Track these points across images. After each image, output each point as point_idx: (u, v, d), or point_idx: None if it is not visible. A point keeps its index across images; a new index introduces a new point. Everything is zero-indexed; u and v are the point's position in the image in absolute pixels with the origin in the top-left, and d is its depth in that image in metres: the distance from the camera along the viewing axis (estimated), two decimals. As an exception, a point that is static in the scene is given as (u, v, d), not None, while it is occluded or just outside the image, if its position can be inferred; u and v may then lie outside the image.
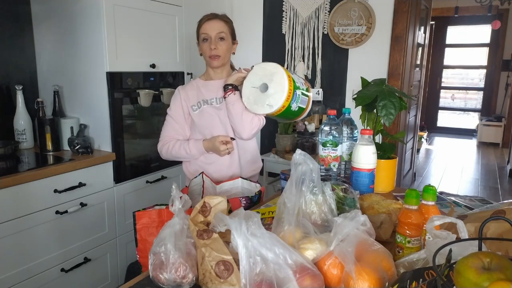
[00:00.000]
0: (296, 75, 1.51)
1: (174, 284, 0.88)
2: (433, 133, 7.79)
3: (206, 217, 0.95)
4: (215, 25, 1.59)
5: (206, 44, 1.60)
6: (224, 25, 1.61)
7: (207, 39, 1.59)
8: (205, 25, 1.60)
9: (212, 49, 1.58)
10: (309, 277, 0.78)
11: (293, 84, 1.41)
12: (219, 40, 1.59)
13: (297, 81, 1.46)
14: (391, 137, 1.66)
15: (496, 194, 4.35)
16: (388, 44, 2.65)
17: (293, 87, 1.42)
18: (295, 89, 1.42)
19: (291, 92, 1.41)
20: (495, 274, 0.54)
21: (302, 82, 1.49)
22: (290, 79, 1.41)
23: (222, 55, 1.61)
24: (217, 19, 1.61)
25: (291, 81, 1.41)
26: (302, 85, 1.48)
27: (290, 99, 1.42)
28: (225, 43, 1.60)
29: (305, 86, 1.50)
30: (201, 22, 1.63)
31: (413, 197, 0.94)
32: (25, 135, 2.16)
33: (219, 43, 1.59)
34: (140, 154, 2.33)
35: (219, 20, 1.61)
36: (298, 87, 1.44)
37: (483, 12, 5.69)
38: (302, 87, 1.47)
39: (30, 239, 1.78)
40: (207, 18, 1.61)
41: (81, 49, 2.12)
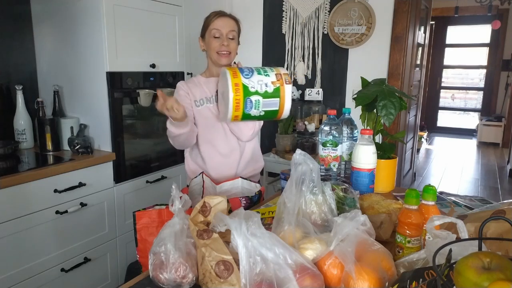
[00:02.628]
0: (263, 73, 1.37)
1: (174, 284, 0.88)
2: (433, 133, 7.79)
3: (206, 217, 0.95)
4: (228, 22, 1.56)
5: (216, 40, 1.55)
6: (235, 24, 1.60)
7: (219, 36, 1.55)
8: (218, 21, 1.56)
9: (224, 45, 1.54)
10: (309, 277, 0.78)
11: (242, 92, 1.32)
12: (229, 39, 1.56)
13: (255, 85, 1.34)
14: (391, 137, 1.66)
15: (496, 194, 4.35)
16: (388, 44, 2.65)
17: (244, 94, 1.32)
18: (247, 96, 1.32)
19: (239, 102, 1.33)
20: (495, 274, 0.54)
21: (267, 83, 1.35)
22: (238, 88, 1.32)
23: (232, 53, 1.58)
24: (229, 17, 1.59)
25: (240, 89, 1.32)
26: (264, 87, 1.35)
27: (242, 108, 1.34)
28: (235, 43, 1.59)
29: (271, 87, 1.36)
30: (211, 17, 1.58)
31: (413, 197, 0.94)
32: (25, 135, 2.16)
33: (230, 41, 1.57)
34: (140, 154, 2.33)
35: (231, 19, 1.59)
36: (255, 92, 1.33)
37: (483, 12, 5.69)
38: (262, 91, 1.34)
39: (30, 239, 1.78)
40: (220, 14, 1.58)
41: (81, 49, 2.12)
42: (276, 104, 1.38)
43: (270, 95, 1.35)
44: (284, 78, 1.37)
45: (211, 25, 1.57)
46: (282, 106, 1.38)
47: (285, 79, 1.37)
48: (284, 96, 1.37)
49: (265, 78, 1.35)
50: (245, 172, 1.69)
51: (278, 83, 1.36)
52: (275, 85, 1.36)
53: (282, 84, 1.36)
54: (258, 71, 1.37)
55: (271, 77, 1.36)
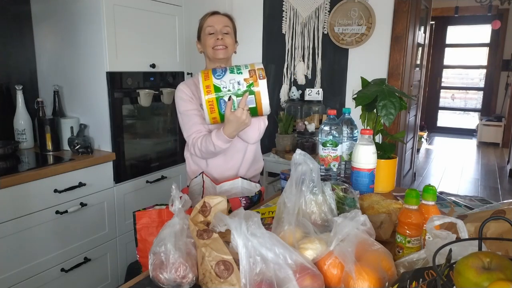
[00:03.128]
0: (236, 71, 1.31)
1: (174, 284, 0.88)
2: (433, 133, 7.79)
3: (206, 217, 0.95)
4: (221, 19, 1.57)
5: (211, 36, 1.55)
6: (229, 21, 1.59)
7: (213, 33, 1.54)
8: (211, 18, 1.56)
9: (219, 39, 1.53)
10: (309, 277, 0.78)
11: (214, 93, 1.29)
12: (224, 34, 1.55)
13: (227, 84, 1.30)
14: (391, 137, 1.66)
15: (496, 194, 4.35)
16: (388, 44, 2.65)
17: (216, 95, 1.29)
18: (220, 97, 1.30)
19: (213, 103, 1.30)
20: (495, 274, 0.54)
21: (239, 81, 1.30)
22: (209, 89, 1.29)
23: (229, 47, 1.56)
24: (223, 14, 1.59)
25: (211, 91, 1.29)
26: (236, 85, 1.30)
27: (217, 110, 1.32)
28: (230, 37, 1.57)
29: (244, 84, 1.30)
30: (205, 16, 1.59)
31: (413, 197, 0.94)
32: (25, 135, 2.16)
33: (225, 35, 1.55)
34: (140, 154, 2.33)
35: (224, 16, 1.59)
36: (228, 92, 1.30)
37: (483, 12, 5.69)
38: (234, 90, 1.30)
39: (30, 239, 1.78)
40: (212, 12, 1.59)
41: (81, 49, 2.12)
42: (252, 101, 1.32)
43: (244, 93, 1.30)
44: (258, 73, 1.30)
45: (205, 24, 1.57)
46: (259, 103, 1.33)
47: (259, 74, 1.30)
48: (260, 92, 1.31)
49: (237, 76, 1.30)
50: (248, 172, 1.69)
51: (251, 80, 1.30)
52: (248, 82, 1.30)
53: (255, 80, 1.30)
54: (231, 70, 1.32)
55: (243, 74, 1.30)
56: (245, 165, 1.66)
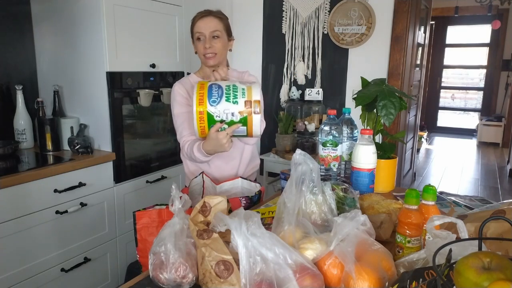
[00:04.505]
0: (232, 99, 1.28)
1: (174, 284, 0.88)
2: (433, 133, 7.79)
3: (206, 217, 0.95)
4: (209, 23, 1.52)
5: (200, 43, 1.53)
6: (219, 22, 1.53)
7: (201, 38, 1.53)
8: (199, 23, 1.53)
9: (206, 47, 1.51)
10: (309, 277, 0.78)
11: (206, 121, 1.28)
12: (213, 38, 1.52)
13: (221, 114, 1.28)
14: (391, 137, 1.66)
15: (496, 194, 4.35)
16: (388, 44, 2.65)
17: (208, 122, 1.29)
18: (212, 124, 1.30)
19: (204, 129, 1.31)
20: (495, 274, 0.54)
21: (233, 112, 1.27)
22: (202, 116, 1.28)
23: (218, 53, 1.54)
24: (211, 16, 1.53)
25: (204, 117, 1.28)
26: (230, 116, 1.28)
27: (207, 130, 1.32)
28: (220, 41, 1.53)
29: (238, 116, 1.28)
30: (194, 20, 1.55)
31: (413, 197, 0.94)
32: (25, 135, 2.16)
33: (214, 41, 1.52)
34: (140, 154, 2.33)
35: (213, 18, 1.53)
36: (221, 121, 1.29)
37: (483, 12, 5.70)
38: (227, 120, 1.28)
39: (30, 239, 1.78)
40: (201, 15, 1.54)
41: (81, 49, 2.12)
42: (243, 131, 1.32)
43: (236, 123, 1.29)
44: (254, 107, 1.27)
45: (194, 29, 1.55)
46: (250, 133, 1.32)
47: (255, 109, 1.27)
48: (252, 125, 1.29)
49: (232, 106, 1.27)
50: (246, 171, 1.71)
51: (246, 113, 1.27)
52: (242, 114, 1.28)
53: (249, 114, 1.27)
54: (227, 97, 1.27)
55: (239, 105, 1.27)
56: (244, 164, 1.69)
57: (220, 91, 1.28)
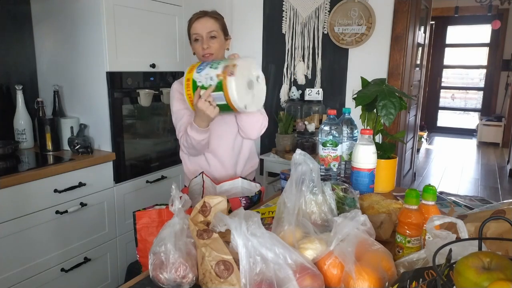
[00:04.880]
0: (214, 65, 1.31)
1: (174, 284, 0.88)
2: (433, 133, 7.79)
3: (206, 217, 0.95)
4: (205, 24, 1.54)
5: (198, 44, 1.56)
6: (215, 22, 1.56)
7: (199, 39, 1.55)
8: (196, 25, 1.55)
9: (204, 48, 1.54)
10: (309, 277, 0.78)
11: (192, 87, 1.33)
12: (210, 38, 1.54)
13: (202, 79, 1.31)
14: (391, 137, 1.66)
15: (496, 194, 4.35)
16: (388, 44, 2.65)
17: (193, 88, 1.33)
18: (195, 90, 1.33)
19: (191, 96, 1.34)
20: (495, 274, 0.54)
21: (212, 76, 1.29)
22: (189, 83, 1.33)
23: (215, 53, 1.56)
24: (207, 17, 1.55)
25: (190, 84, 1.33)
26: (209, 80, 1.31)
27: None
28: (217, 41, 1.56)
29: (215, 80, 1.29)
30: (191, 21, 1.58)
31: (413, 197, 0.94)
32: (25, 135, 2.16)
33: (211, 41, 1.54)
34: (140, 154, 2.33)
35: (209, 18, 1.55)
36: (202, 87, 1.31)
37: (483, 12, 5.69)
38: (207, 85, 1.31)
39: (30, 239, 1.78)
40: (197, 16, 1.56)
41: (81, 49, 2.12)
42: (222, 98, 1.31)
43: (214, 89, 1.30)
44: (230, 70, 1.27)
45: (191, 30, 1.57)
46: (228, 99, 1.30)
47: (230, 71, 1.26)
48: (227, 90, 1.27)
49: (212, 71, 1.29)
50: (244, 170, 1.72)
51: (222, 76, 1.27)
52: (219, 78, 1.28)
53: (224, 77, 1.27)
54: (212, 64, 1.31)
55: (218, 69, 1.29)
56: (242, 161, 1.70)
57: (209, 62, 1.33)
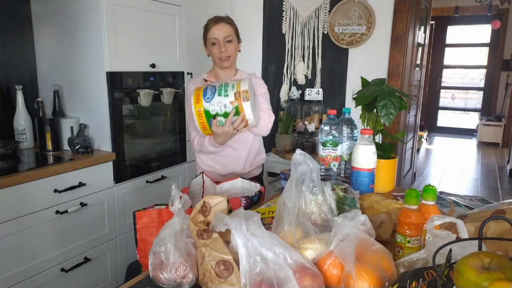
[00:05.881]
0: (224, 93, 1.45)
1: (174, 284, 0.88)
2: (433, 133, 7.79)
3: (206, 217, 0.95)
4: (222, 29, 1.67)
5: (215, 47, 1.68)
6: (230, 27, 1.69)
7: (216, 43, 1.67)
8: (213, 29, 1.67)
9: (222, 51, 1.66)
10: (309, 276, 0.78)
11: (205, 116, 1.46)
12: (227, 42, 1.67)
13: (215, 107, 1.45)
14: (391, 137, 1.66)
15: (496, 194, 4.35)
16: (388, 44, 2.65)
17: (206, 117, 1.46)
18: (210, 118, 1.46)
19: (204, 124, 1.48)
20: (495, 274, 0.54)
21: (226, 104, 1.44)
22: (200, 113, 1.45)
23: (232, 56, 1.70)
24: (223, 22, 1.68)
25: (202, 114, 1.45)
26: (223, 108, 1.45)
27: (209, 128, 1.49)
28: (233, 45, 1.69)
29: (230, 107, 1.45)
30: (208, 26, 1.69)
31: (413, 197, 0.94)
32: (25, 135, 2.16)
33: (228, 45, 1.67)
34: (140, 154, 2.33)
35: (225, 24, 1.68)
36: (216, 114, 1.46)
37: (483, 12, 5.70)
38: (222, 112, 1.46)
39: (30, 239, 1.78)
40: (214, 22, 1.68)
41: (81, 49, 2.12)
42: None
43: (230, 113, 1.46)
44: (242, 96, 1.44)
45: (208, 34, 1.69)
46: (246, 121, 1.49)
47: (243, 96, 1.44)
48: (245, 114, 1.46)
49: (224, 99, 1.44)
50: (254, 162, 1.84)
51: (236, 102, 1.44)
52: (233, 104, 1.44)
53: (240, 102, 1.44)
54: (219, 91, 1.45)
55: (230, 97, 1.44)
56: (252, 154, 1.82)
57: (213, 89, 1.46)
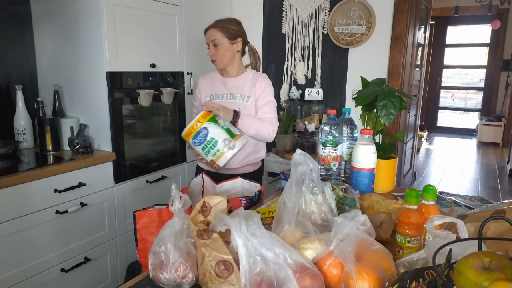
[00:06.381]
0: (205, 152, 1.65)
1: (174, 284, 0.88)
2: (433, 133, 7.79)
3: (206, 216, 0.95)
4: (210, 33, 1.78)
5: (208, 50, 1.81)
6: (216, 31, 1.77)
7: (208, 47, 1.80)
8: (206, 34, 1.80)
9: (210, 54, 1.79)
10: (309, 276, 0.78)
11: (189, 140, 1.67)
12: (214, 47, 1.78)
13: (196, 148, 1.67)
14: (391, 137, 1.66)
15: (496, 194, 4.35)
16: (388, 44, 2.65)
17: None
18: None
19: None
20: (495, 274, 0.54)
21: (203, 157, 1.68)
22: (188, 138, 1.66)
23: (219, 59, 1.79)
24: (211, 27, 1.78)
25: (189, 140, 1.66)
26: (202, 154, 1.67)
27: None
28: (219, 48, 1.77)
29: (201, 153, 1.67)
30: (205, 31, 1.83)
31: (413, 196, 0.94)
32: (25, 135, 2.16)
33: (213, 49, 1.78)
34: (140, 154, 2.33)
35: (212, 28, 1.78)
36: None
37: (483, 12, 5.69)
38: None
39: (30, 239, 1.78)
40: (207, 28, 1.81)
41: (81, 49, 2.12)
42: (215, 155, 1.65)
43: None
44: (214, 166, 1.65)
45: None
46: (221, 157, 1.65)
47: (215, 166, 1.65)
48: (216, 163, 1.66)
49: (203, 154, 1.65)
50: (245, 161, 1.86)
51: (210, 163, 1.66)
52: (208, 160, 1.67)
53: (211, 164, 1.66)
54: (203, 148, 1.64)
55: (207, 157, 1.65)
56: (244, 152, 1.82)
57: (203, 139, 1.63)
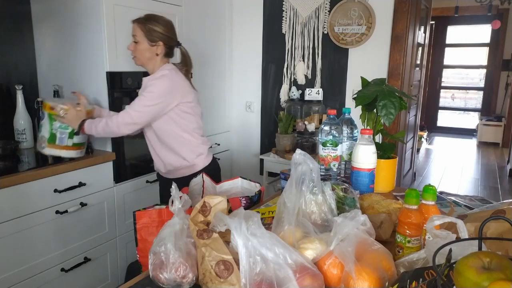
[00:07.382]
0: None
1: (174, 284, 0.88)
2: (433, 133, 7.79)
3: (206, 216, 0.95)
4: (133, 27, 1.76)
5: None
6: (138, 28, 1.74)
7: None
8: (132, 25, 1.78)
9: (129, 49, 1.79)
10: (309, 276, 0.78)
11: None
12: (134, 42, 1.76)
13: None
14: (391, 136, 1.66)
15: (496, 194, 4.35)
16: (388, 44, 2.65)
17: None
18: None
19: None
20: (495, 274, 0.54)
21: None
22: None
23: (137, 56, 1.77)
24: (136, 21, 1.76)
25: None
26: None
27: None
28: (138, 46, 1.75)
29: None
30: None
31: (413, 196, 0.94)
32: (25, 135, 2.16)
33: (133, 44, 1.76)
34: (140, 154, 2.33)
35: (136, 23, 1.75)
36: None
37: (483, 12, 5.69)
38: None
39: (30, 239, 1.78)
40: (134, 19, 1.78)
41: (81, 49, 2.12)
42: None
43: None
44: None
45: None
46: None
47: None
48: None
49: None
50: (171, 168, 1.88)
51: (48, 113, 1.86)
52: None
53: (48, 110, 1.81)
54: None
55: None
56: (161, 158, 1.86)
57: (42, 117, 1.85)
